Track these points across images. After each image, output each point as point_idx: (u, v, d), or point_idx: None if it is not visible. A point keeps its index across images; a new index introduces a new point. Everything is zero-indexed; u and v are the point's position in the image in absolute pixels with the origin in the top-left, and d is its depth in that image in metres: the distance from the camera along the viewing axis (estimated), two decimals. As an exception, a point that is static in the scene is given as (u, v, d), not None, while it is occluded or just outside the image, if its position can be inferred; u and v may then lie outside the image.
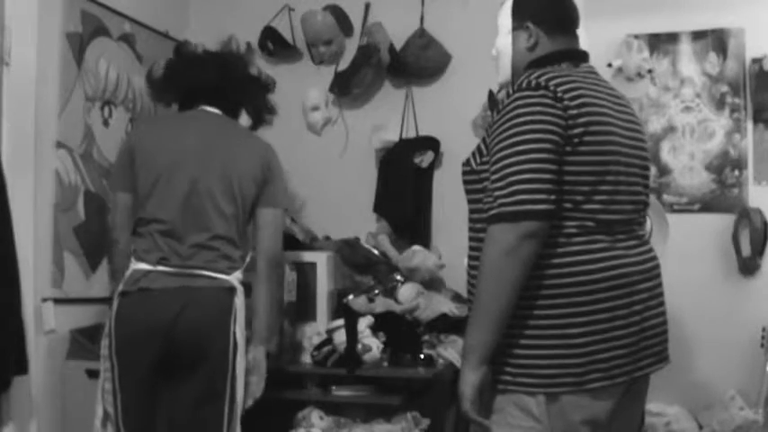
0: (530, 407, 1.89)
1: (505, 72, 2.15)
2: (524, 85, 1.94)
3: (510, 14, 2.13)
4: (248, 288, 2.85)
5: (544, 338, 1.89)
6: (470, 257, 2.05)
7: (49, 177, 3.07)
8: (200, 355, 2.65)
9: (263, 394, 2.80)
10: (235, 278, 2.74)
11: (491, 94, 3.49)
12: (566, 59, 2.06)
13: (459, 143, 3.54)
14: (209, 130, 2.86)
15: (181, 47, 3.18)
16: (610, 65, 3.53)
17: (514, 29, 2.12)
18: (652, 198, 3.66)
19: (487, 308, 1.87)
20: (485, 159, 1.98)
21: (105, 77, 3.37)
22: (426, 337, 3.19)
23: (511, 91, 1.99)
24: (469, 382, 1.88)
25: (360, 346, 3.06)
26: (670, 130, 3.56)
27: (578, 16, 2.17)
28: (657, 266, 2.07)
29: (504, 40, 2.15)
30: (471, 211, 2.06)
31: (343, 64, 3.82)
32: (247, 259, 2.84)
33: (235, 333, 2.67)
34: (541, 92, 1.90)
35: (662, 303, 2.06)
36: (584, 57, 2.12)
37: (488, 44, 3.41)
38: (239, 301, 2.72)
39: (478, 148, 2.04)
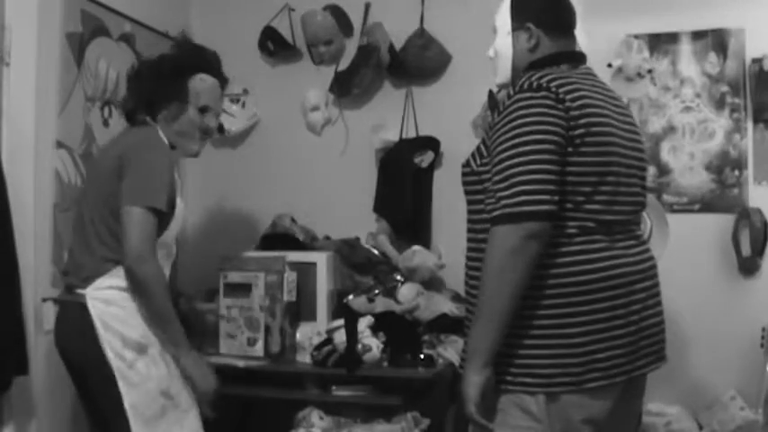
0: (530, 407, 1.89)
1: (505, 73, 2.15)
2: (525, 86, 1.94)
3: (509, 15, 2.13)
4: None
5: (544, 338, 1.89)
6: (469, 258, 2.05)
7: (48, 177, 3.07)
8: (75, 377, 2.60)
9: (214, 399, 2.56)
10: (93, 289, 2.49)
11: (491, 93, 3.49)
12: (565, 61, 2.06)
13: (459, 143, 3.54)
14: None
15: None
16: (610, 65, 3.53)
17: (514, 29, 2.11)
18: (652, 198, 3.67)
19: (491, 309, 1.87)
20: (485, 161, 1.97)
21: (105, 77, 3.37)
22: (426, 337, 3.19)
23: (512, 92, 1.99)
24: (473, 383, 1.89)
25: (360, 346, 3.06)
26: (670, 130, 3.56)
27: (576, 18, 2.17)
28: (655, 266, 2.07)
29: (503, 40, 2.14)
30: (470, 212, 2.06)
31: (343, 64, 3.82)
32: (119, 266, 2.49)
33: (103, 348, 2.44)
34: (543, 93, 1.90)
35: (659, 303, 2.06)
36: (582, 58, 2.12)
37: (488, 44, 3.42)
38: (98, 312, 2.46)
39: (478, 149, 2.04)
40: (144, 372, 2.46)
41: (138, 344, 2.47)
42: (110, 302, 2.48)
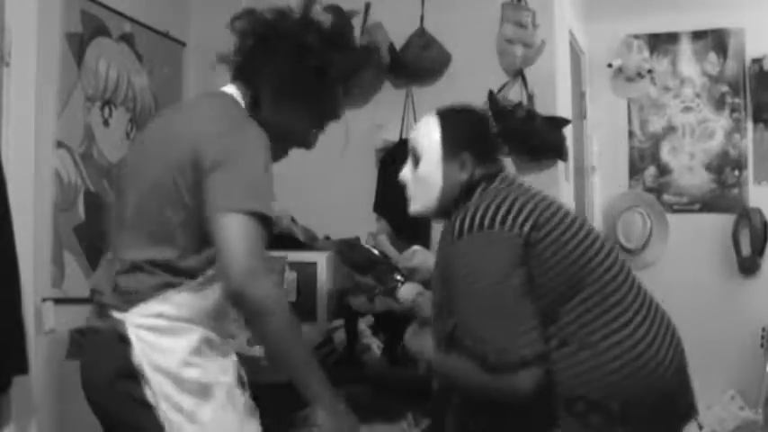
0: None
1: (429, 202, 2.10)
2: (476, 227, 1.90)
3: (439, 143, 2.07)
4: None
5: None
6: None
7: (48, 177, 3.07)
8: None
9: None
10: (138, 315, 1.84)
11: (491, 93, 3.49)
12: (491, 181, 2.04)
13: (459, 143, 3.53)
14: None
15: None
16: (610, 65, 3.54)
17: (446, 159, 2.06)
18: (652, 198, 3.68)
19: None
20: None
21: (105, 77, 3.37)
22: (426, 337, 3.19)
23: (456, 229, 1.93)
24: None
25: (360, 346, 3.06)
26: (670, 130, 3.56)
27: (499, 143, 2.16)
28: (680, 343, 2.01)
29: (432, 168, 2.08)
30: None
31: (343, 64, 3.81)
32: (185, 280, 1.88)
33: (151, 395, 1.82)
34: (497, 229, 1.88)
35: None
36: (502, 171, 2.10)
37: (489, 44, 3.43)
38: (144, 345, 1.82)
39: (443, 301, 2.00)
40: (212, 425, 1.84)
41: (199, 385, 1.85)
42: (160, 332, 1.84)
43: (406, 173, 2.15)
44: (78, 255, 3.20)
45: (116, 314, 1.84)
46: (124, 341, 1.82)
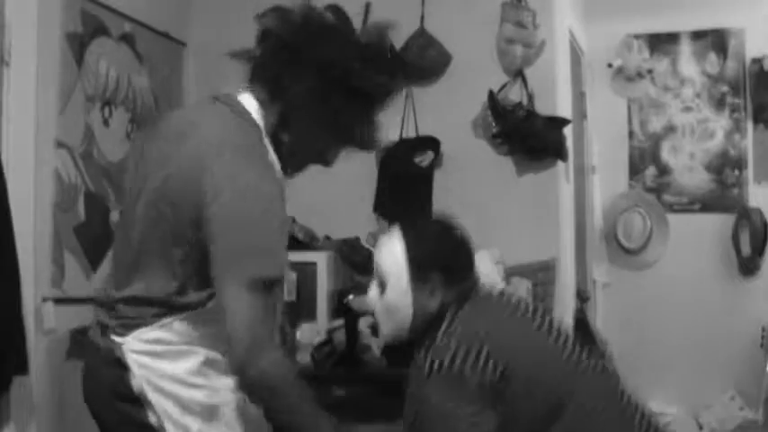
0: None
1: (400, 330, 1.99)
2: (444, 369, 1.82)
3: (405, 265, 1.94)
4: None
5: None
6: None
7: (48, 177, 3.06)
8: None
9: None
10: (136, 339, 1.79)
11: (491, 93, 3.49)
12: (464, 300, 1.94)
13: (459, 143, 3.54)
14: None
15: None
16: (610, 65, 3.54)
17: (416, 282, 1.93)
18: (652, 198, 3.68)
19: None
20: None
21: (105, 77, 3.37)
22: (426, 337, 3.19)
23: (426, 371, 1.85)
24: None
25: (360, 346, 3.06)
26: (670, 130, 3.56)
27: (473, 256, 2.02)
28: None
29: (400, 293, 1.95)
30: None
31: (344, 64, 3.81)
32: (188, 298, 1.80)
33: (156, 419, 1.77)
34: (467, 374, 1.81)
35: None
36: (477, 283, 1.98)
37: (489, 44, 3.43)
38: (145, 371, 1.78)
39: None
40: None
41: (204, 406, 1.81)
42: (159, 356, 1.79)
43: (373, 298, 2.02)
44: (78, 255, 3.20)
45: (115, 338, 1.80)
46: (121, 366, 1.77)
